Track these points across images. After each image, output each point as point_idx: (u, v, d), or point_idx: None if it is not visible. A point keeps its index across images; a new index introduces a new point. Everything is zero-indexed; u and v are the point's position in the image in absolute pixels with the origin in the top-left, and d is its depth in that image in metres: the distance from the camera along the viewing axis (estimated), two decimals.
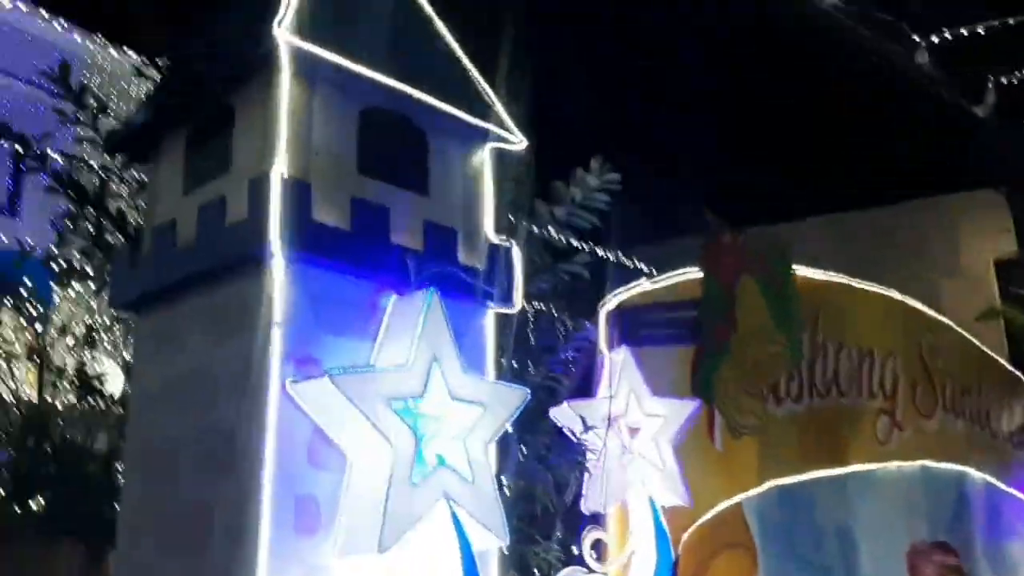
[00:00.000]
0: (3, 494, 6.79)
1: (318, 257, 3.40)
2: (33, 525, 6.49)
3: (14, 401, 8.07)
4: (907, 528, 7.42)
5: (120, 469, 5.29)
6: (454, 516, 3.30)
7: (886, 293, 7.79)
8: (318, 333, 3.35)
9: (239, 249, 3.38)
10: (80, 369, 5.41)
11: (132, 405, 3.85)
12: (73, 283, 7.12)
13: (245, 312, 3.33)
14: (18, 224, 18.50)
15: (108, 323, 7.38)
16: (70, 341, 8.07)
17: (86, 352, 7.65)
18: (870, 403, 7.43)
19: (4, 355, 13.36)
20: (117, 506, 5.75)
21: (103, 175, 4.89)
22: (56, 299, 10.49)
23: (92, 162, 4.96)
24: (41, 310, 13.59)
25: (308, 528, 3.16)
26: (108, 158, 4.74)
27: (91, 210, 4.87)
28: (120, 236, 4.84)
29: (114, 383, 7.58)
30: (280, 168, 3.35)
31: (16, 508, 6.60)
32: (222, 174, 3.61)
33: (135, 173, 4.78)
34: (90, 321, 8.61)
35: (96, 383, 5.19)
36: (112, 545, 6.45)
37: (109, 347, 7.70)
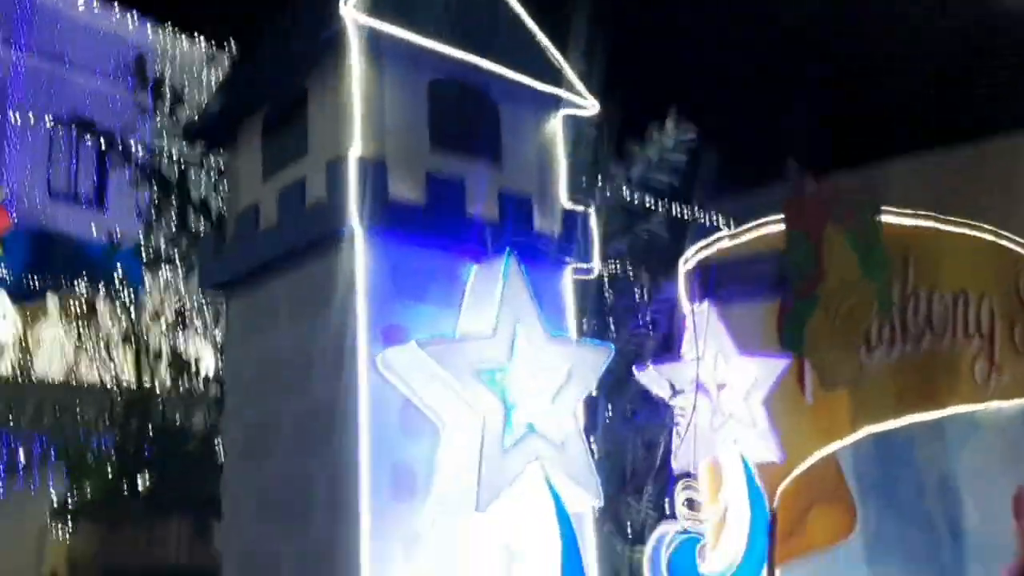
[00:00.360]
0: (111, 474, 7.16)
1: (397, 232, 3.44)
2: (140, 503, 6.84)
3: (115, 385, 8.45)
4: (1012, 471, 7.18)
5: (219, 446, 5.51)
6: (546, 478, 3.33)
7: (977, 232, 7.47)
8: (401, 306, 3.40)
9: (320, 229, 3.44)
10: (176, 352, 5.60)
11: (228, 384, 3.98)
12: (162, 269, 7.39)
13: (329, 289, 3.40)
14: (105, 216, 19.22)
15: (197, 306, 7.64)
16: (163, 325, 8.41)
17: (179, 335, 7.96)
18: (965, 346, 7.17)
19: (103, 341, 14.03)
20: (218, 481, 6.00)
21: (184, 164, 5.02)
22: (146, 285, 10.88)
23: (173, 152, 5.10)
24: (133, 297, 14.20)
25: (406, 495, 3.23)
26: (188, 147, 4.86)
27: (175, 199, 5.01)
28: (204, 222, 4.99)
29: (207, 363, 7.89)
30: (356, 149, 3.39)
31: (124, 487, 6.96)
32: (300, 157, 3.67)
33: (215, 160, 4.89)
34: (180, 305, 8.92)
35: (191, 364, 5.37)
36: (215, 518, 6.75)
37: (200, 329, 7.99)
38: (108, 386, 13.85)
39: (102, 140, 4.82)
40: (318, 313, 3.44)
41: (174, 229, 5.26)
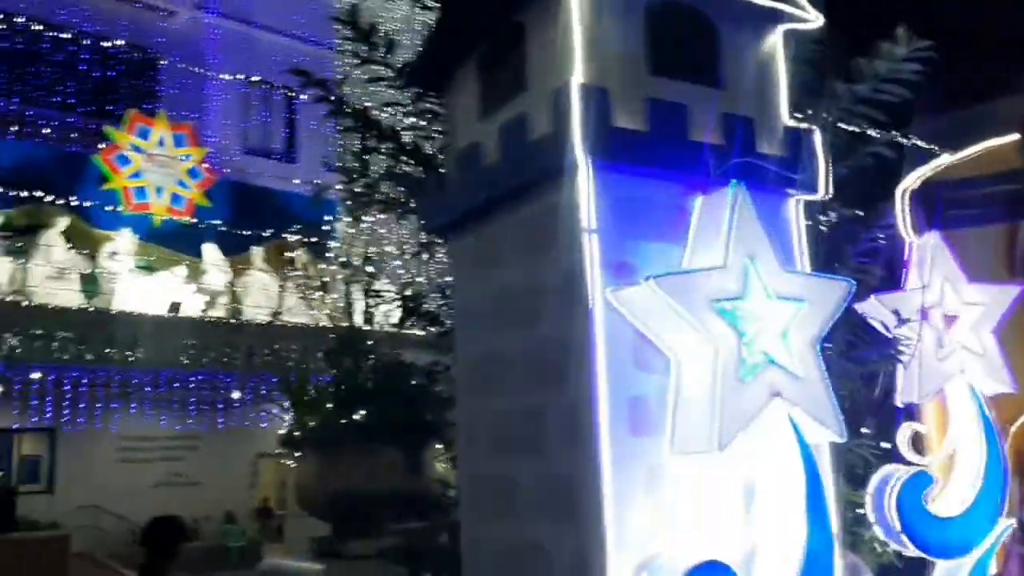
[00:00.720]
0: (329, 408, 7.62)
1: (621, 163, 3.39)
2: (356, 435, 7.26)
3: (329, 325, 8.95)
4: None
5: (437, 381, 5.73)
6: (788, 413, 3.24)
7: None
8: (629, 239, 3.36)
9: (544, 163, 3.43)
10: (371, 292, 5.80)
11: (457, 322, 4.09)
12: (366, 215, 7.72)
13: (557, 224, 3.40)
14: (296, 169, 20.32)
15: (395, 252, 7.95)
16: (364, 268, 8.82)
17: (377, 277, 8.30)
18: None
19: (311, 285, 14.90)
20: (431, 412, 6.24)
21: (397, 110, 5.13)
22: (344, 232, 11.45)
23: (385, 98, 5.22)
24: (335, 243, 14.95)
25: (642, 429, 3.22)
26: (400, 93, 4.97)
27: (388, 145, 5.13)
28: (416, 166, 5.11)
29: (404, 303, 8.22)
30: (578, 77, 3.35)
31: (341, 421, 7.40)
32: (519, 92, 3.67)
33: (425, 105, 4.97)
34: (376, 249, 9.32)
35: (412, 304, 5.56)
36: (428, 448, 7.06)
37: (400, 270, 8.32)
38: (319, 326, 14.88)
39: (319, 89, 5.00)
40: (546, 248, 3.46)
41: (385, 175, 5.40)
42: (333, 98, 5.11)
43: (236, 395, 16.94)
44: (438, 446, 6.75)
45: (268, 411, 17.37)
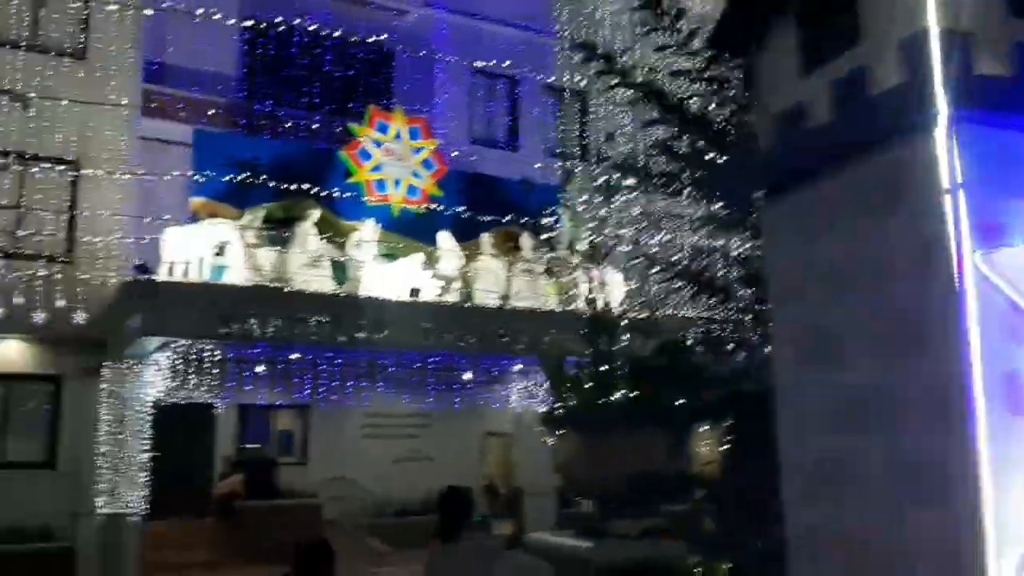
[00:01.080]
0: (589, 388, 7.62)
1: (986, 113, 3.06)
2: (618, 415, 7.20)
3: (587, 307, 8.99)
4: None
5: (721, 360, 5.55)
6: None
7: None
8: (998, 196, 3.03)
9: (894, 117, 3.16)
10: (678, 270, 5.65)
11: (775, 291, 3.89)
12: (622, 193, 7.62)
13: (911, 184, 3.12)
14: (519, 157, 20.69)
15: (653, 229, 7.78)
16: (623, 248, 8.73)
17: (636, 260, 8.19)
18: None
19: (536, 271, 14.91)
20: (710, 394, 6.04)
21: (685, 79, 4.98)
22: (590, 215, 11.48)
23: (670, 68, 5.09)
24: (563, 228, 14.93)
25: (1020, 408, 2.90)
26: (689, 61, 4.81)
27: (670, 116, 5.00)
28: (702, 137, 4.94)
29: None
30: (935, 23, 3.05)
31: (604, 400, 7.37)
32: (853, 45, 3.41)
33: (716, 72, 4.79)
34: (631, 229, 9.18)
35: (702, 279, 5.40)
36: (696, 430, 6.88)
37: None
38: (547, 310, 15.10)
39: (603, 61, 4.94)
40: (894, 210, 3.19)
41: (659, 148, 5.26)
42: (618, 69, 5.03)
43: (468, 376, 17.48)
44: (707, 427, 6.56)
45: (497, 392, 17.85)
